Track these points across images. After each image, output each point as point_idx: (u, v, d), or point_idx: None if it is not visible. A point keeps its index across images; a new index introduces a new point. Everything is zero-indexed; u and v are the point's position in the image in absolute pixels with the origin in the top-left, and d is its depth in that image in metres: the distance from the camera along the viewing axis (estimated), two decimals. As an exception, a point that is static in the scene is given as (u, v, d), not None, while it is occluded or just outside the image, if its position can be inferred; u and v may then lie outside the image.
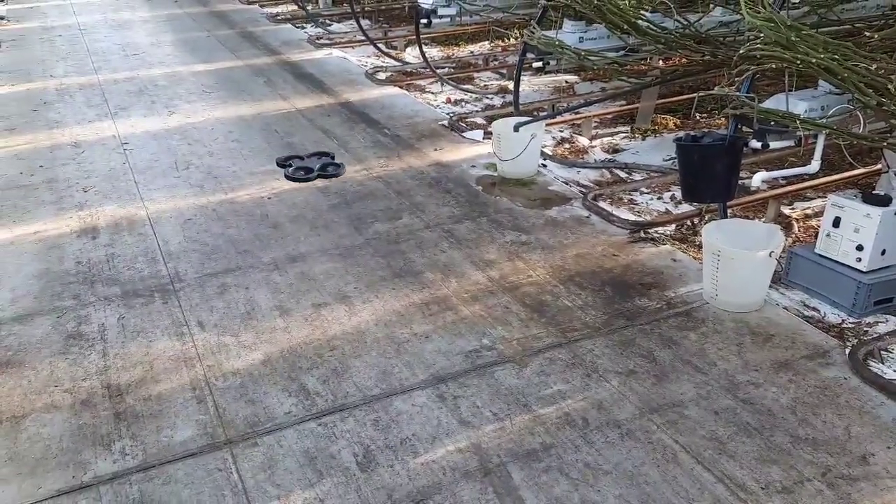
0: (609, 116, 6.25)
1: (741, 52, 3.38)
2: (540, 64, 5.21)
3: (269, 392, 3.01)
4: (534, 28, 4.96)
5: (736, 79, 3.50)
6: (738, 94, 3.47)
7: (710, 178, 3.58)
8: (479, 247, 4.09)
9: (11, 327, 3.47)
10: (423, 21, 6.36)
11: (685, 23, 4.82)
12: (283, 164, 5.15)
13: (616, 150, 5.67)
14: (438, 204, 4.61)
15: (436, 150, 5.48)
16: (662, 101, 6.13)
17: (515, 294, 3.65)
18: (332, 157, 5.22)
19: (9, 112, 6.51)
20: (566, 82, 7.25)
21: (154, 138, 5.81)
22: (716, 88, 3.61)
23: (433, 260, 3.96)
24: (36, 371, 3.16)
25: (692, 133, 3.86)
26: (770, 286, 3.56)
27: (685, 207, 4.57)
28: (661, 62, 6.10)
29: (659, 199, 4.80)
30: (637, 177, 5.17)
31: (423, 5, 6.31)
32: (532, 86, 7.13)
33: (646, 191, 4.91)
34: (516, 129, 4.88)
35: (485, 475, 2.58)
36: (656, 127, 6.02)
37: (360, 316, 3.49)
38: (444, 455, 2.68)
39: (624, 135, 5.95)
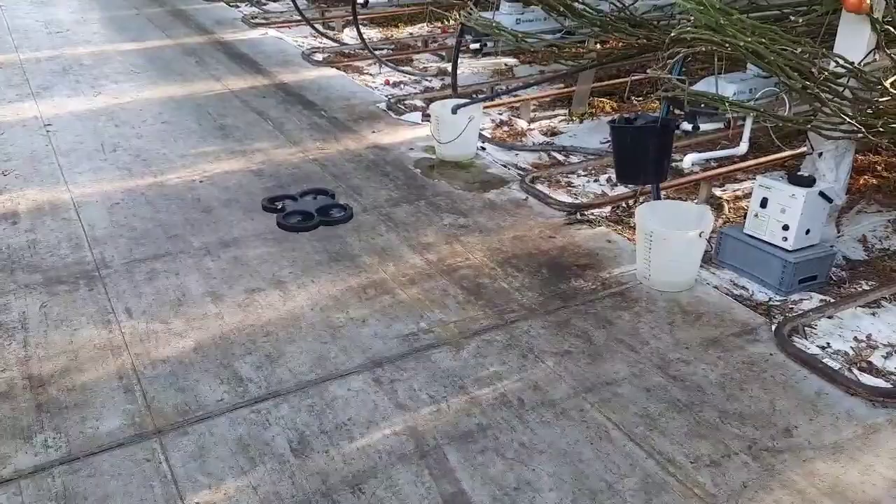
0: (547, 99, 6.28)
1: (672, 34, 3.43)
2: (477, 46, 5.19)
3: (201, 379, 2.94)
4: (471, 9, 4.93)
5: (668, 61, 3.54)
6: (669, 76, 3.51)
7: (642, 159, 3.63)
8: (416, 230, 4.06)
9: (-76, 318, 3.30)
10: (360, 1, 6.26)
11: (620, 6, 4.86)
12: (270, 206, 4.22)
13: (554, 133, 5.71)
14: (376, 187, 4.56)
15: (373, 132, 5.42)
16: (599, 84, 6.19)
17: (453, 277, 3.64)
18: (333, 195, 4.35)
19: (-79, 91, 6.17)
20: (505, 65, 7.25)
21: (79, 119, 5.59)
22: (648, 71, 3.65)
23: (370, 244, 3.92)
24: (-49, 363, 3.02)
25: (626, 115, 3.90)
26: (701, 266, 3.63)
27: (620, 189, 4.63)
28: (597, 45, 6.14)
29: (595, 181, 4.86)
30: (574, 159, 5.22)
31: (360, -15, 6.22)
32: (471, 68, 7.11)
33: (583, 173, 4.96)
34: (454, 111, 4.86)
35: (421, 458, 2.58)
36: (593, 110, 6.08)
37: (295, 301, 3.43)
38: (381, 439, 2.66)
39: (562, 118, 5.99)
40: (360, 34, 6.94)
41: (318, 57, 7.24)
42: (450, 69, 6.69)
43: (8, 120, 5.57)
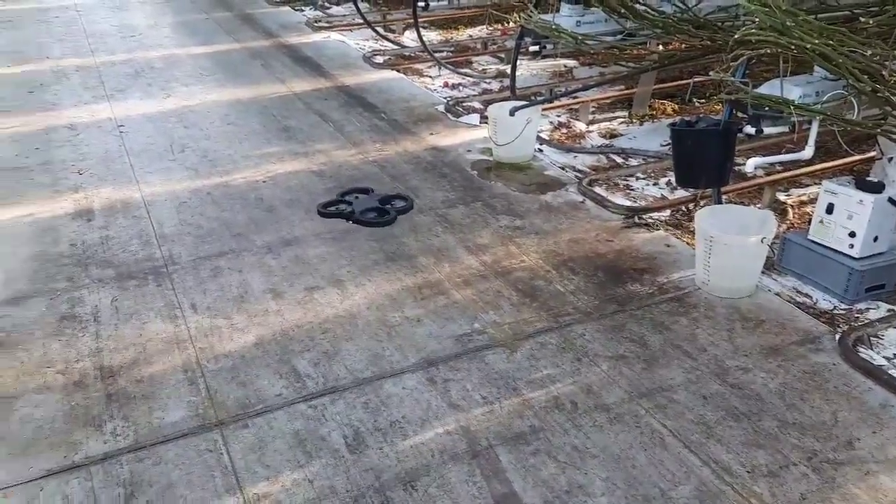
0: (607, 101, 6.23)
1: (736, 36, 3.37)
2: (536, 48, 5.19)
3: (261, 374, 3.02)
4: (531, 12, 4.94)
5: (731, 63, 3.48)
6: (732, 78, 3.45)
7: (703, 163, 3.58)
8: (472, 231, 4.09)
9: (6, 309, 3.48)
10: (421, 4, 6.32)
11: (683, 7, 4.79)
12: (330, 211, 4.25)
13: (613, 136, 5.66)
14: (433, 188, 4.60)
15: (432, 134, 5.47)
16: (660, 86, 6.11)
17: (508, 279, 3.65)
18: (372, 190, 4.48)
19: (3, 94, 6.49)
20: (565, 67, 7.22)
21: (150, 121, 5.80)
22: (711, 73, 3.59)
23: (426, 244, 3.97)
24: (29, 352, 3.18)
25: (687, 118, 3.85)
26: (763, 272, 3.56)
27: (681, 193, 4.57)
28: (659, 46, 6.06)
29: (655, 184, 4.80)
30: (633, 162, 5.16)
31: (421, -12, 6.29)
32: (530, 70, 7.10)
33: (642, 176, 4.91)
34: (512, 113, 4.87)
35: (473, 457, 2.60)
36: (654, 112, 6.01)
37: (353, 299, 3.50)
38: (433, 437, 2.69)
39: (622, 120, 5.93)
40: (419, 37, 7.00)
41: (379, 59, 7.34)
42: (509, 71, 6.71)
43: (84, 121, 5.82)
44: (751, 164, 3.43)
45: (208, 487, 2.51)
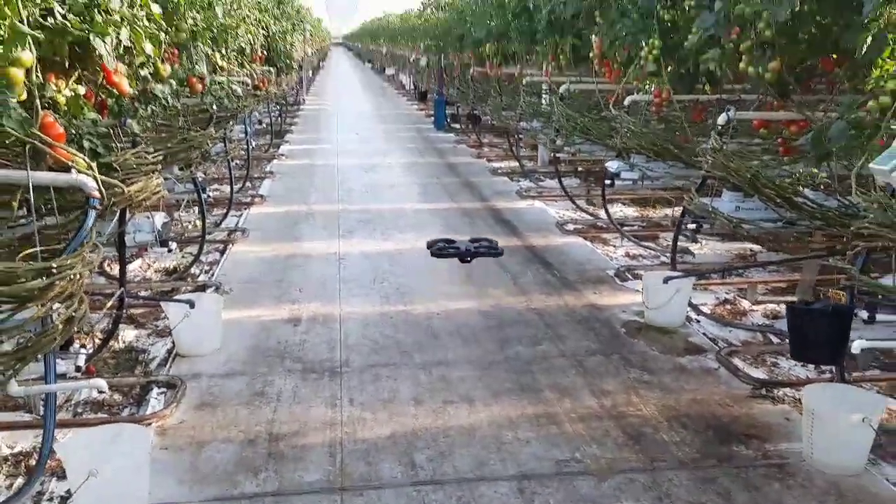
0: (781, 285, 6.39)
1: (852, 229, 3.67)
2: (693, 226, 5.65)
3: (385, 459, 3.66)
4: (693, 195, 5.46)
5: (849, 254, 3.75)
6: (849, 267, 3.72)
7: (814, 340, 3.78)
8: (602, 378, 4.52)
9: (219, 380, 4.51)
10: (608, 182, 7.09)
11: (847, 203, 5.04)
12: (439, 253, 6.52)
13: (776, 317, 5.80)
14: (579, 338, 5.11)
15: (594, 293, 6.02)
16: (835, 276, 6.16)
17: (619, 422, 4.02)
18: (453, 241, 6.75)
19: (267, 227, 8.15)
20: (751, 251, 7.46)
21: (365, 258, 6.99)
22: (830, 261, 3.86)
23: (556, 383, 4.46)
24: (225, 413, 4.11)
25: (810, 300, 4.09)
26: (887, 461, 3.59)
27: (827, 375, 4.63)
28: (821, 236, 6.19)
29: (804, 366, 4.89)
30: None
31: (609, 168, 7.06)
32: (715, 251, 7.45)
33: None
34: (665, 281, 5.31)
35: (534, 556, 2.99)
36: (828, 300, 6.04)
37: (478, 416, 4.07)
38: (506, 534, 3.12)
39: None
40: (605, 209, 7.71)
41: (570, 227, 8.12)
42: (691, 247, 7.14)
43: (316, 252, 7.16)
44: (856, 346, 3.58)
45: (319, 532, 3.14)
